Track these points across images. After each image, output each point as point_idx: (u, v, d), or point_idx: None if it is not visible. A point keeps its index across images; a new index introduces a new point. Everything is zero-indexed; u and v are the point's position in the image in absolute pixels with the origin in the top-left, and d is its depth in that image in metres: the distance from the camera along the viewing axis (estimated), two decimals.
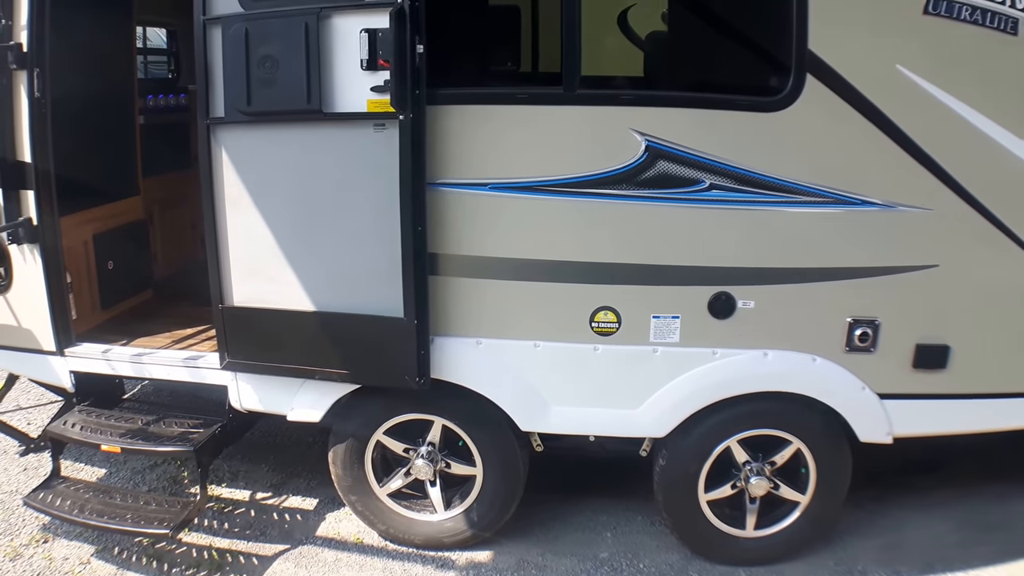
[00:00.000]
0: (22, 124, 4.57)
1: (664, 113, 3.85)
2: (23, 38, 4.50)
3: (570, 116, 3.93)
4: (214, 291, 4.26)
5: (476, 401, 4.26)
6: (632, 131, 3.83)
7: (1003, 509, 4.95)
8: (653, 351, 4.12)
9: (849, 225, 3.87)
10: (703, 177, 3.85)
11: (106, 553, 4.65)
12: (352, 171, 3.96)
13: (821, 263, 3.94)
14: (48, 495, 4.63)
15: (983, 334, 4.04)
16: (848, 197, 3.82)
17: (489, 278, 4.10)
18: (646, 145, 3.83)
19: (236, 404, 4.52)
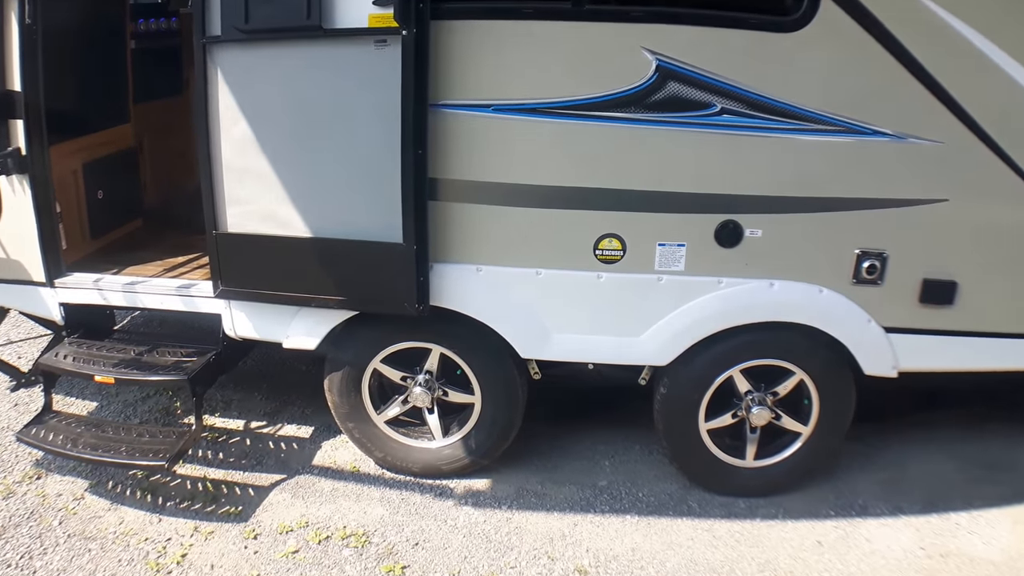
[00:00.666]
0: (11, 52, 4.37)
1: (677, 31, 3.65)
2: None
3: (578, 33, 3.72)
4: (208, 217, 4.10)
5: (475, 329, 4.13)
6: (643, 49, 3.64)
7: (1008, 450, 4.87)
8: (658, 279, 3.99)
9: (860, 155, 3.73)
10: (714, 101, 3.69)
11: (100, 488, 4.53)
12: (351, 91, 3.79)
13: (831, 193, 3.81)
14: (41, 430, 4.50)
15: (991, 272, 3.93)
16: (860, 126, 3.67)
17: (491, 203, 3.95)
18: (657, 65, 3.65)
19: (230, 332, 4.39)
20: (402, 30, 3.59)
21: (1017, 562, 3.99)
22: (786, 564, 3.99)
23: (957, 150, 3.69)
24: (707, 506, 4.41)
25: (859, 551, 4.08)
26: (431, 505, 4.38)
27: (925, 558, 4.02)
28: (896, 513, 4.33)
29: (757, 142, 3.74)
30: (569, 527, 4.23)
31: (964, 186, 3.77)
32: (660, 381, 4.29)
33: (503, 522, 4.27)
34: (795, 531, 4.22)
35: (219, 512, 4.32)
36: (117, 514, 4.33)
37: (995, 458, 4.78)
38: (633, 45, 3.66)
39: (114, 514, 4.33)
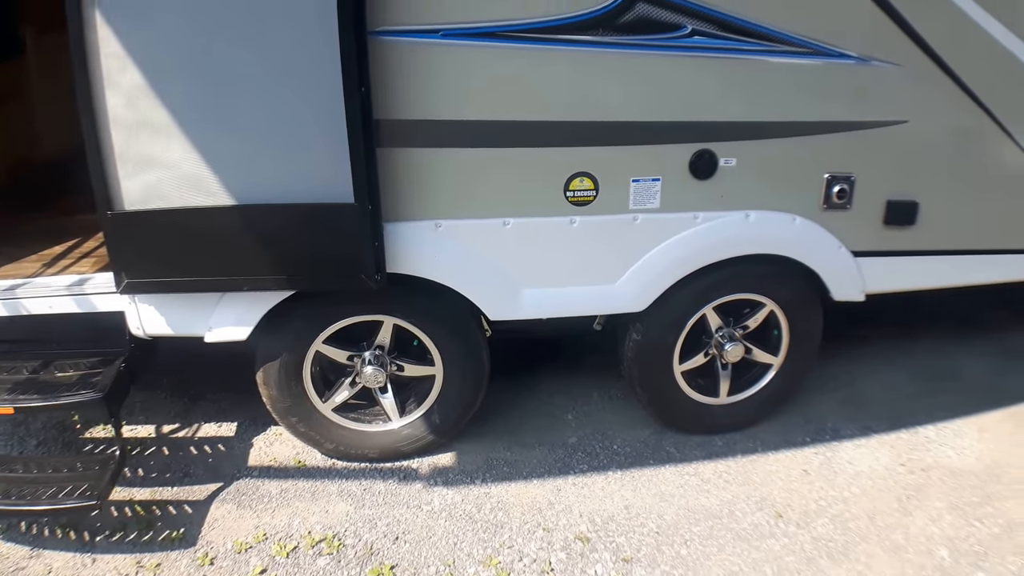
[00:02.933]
0: None
1: None
2: None
3: None
4: (99, 195, 3.15)
5: (434, 293, 3.51)
6: None
7: (945, 359, 4.88)
8: (633, 219, 3.52)
9: (828, 78, 3.46)
10: (685, 22, 3.25)
11: (12, 533, 3.57)
12: (270, 19, 2.97)
13: (801, 117, 3.52)
14: None
15: (948, 191, 3.80)
16: (827, 48, 3.41)
17: (445, 146, 3.29)
18: None
19: (137, 332, 3.51)
20: None
21: (994, 469, 3.90)
22: (782, 497, 3.73)
23: (913, 73, 3.51)
24: (685, 448, 4.04)
25: (845, 475, 3.88)
26: (398, 492, 3.74)
27: (908, 474, 3.88)
28: (867, 433, 4.19)
29: (729, 65, 3.37)
30: (553, 493, 3.74)
31: (921, 107, 3.61)
32: (632, 327, 3.83)
33: (483, 498, 3.71)
34: (779, 463, 3.96)
35: (159, 539, 3.50)
36: (42, 561, 3.42)
37: (937, 369, 4.77)
38: None
39: (38, 562, 3.41)
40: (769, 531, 3.54)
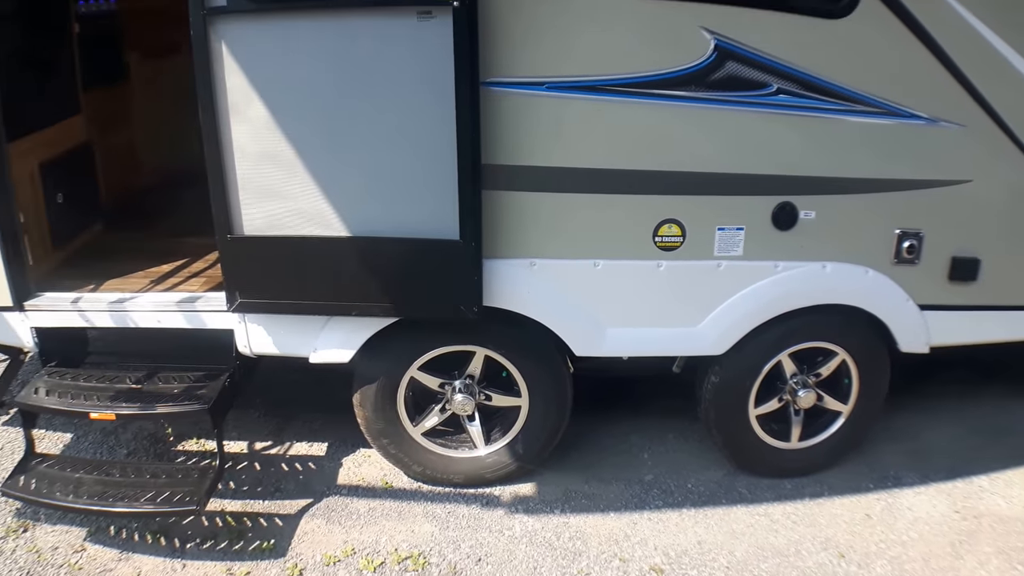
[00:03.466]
0: None
1: (734, 12, 3.32)
2: None
3: (636, 8, 3.29)
4: (219, 219, 3.37)
5: (525, 327, 3.63)
6: (701, 29, 3.28)
7: (1006, 415, 4.87)
8: (717, 265, 3.63)
9: (900, 137, 3.55)
10: (771, 80, 3.39)
11: (102, 535, 3.73)
12: (389, 69, 3.19)
13: (876, 174, 3.61)
14: (30, 480, 3.65)
15: (1009, 249, 3.86)
16: (900, 109, 3.49)
17: (544, 191, 3.45)
18: (715, 44, 3.31)
19: (244, 350, 3.68)
20: (452, 1, 3.03)
21: None
22: (845, 539, 3.79)
23: (977, 133, 3.58)
24: (756, 490, 4.10)
25: (904, 520, 3.94)
26: (481, 516, 3.85)
27: (961, 520, 3.94)
28: (926, 481, 4.22)
29: (811, 122, 3.49)
30: (629, 526, 3.82)
31: (984, 167, 3.66)
32: (711, 370, 3.91)
33: (561, 527, 3.80)
34: (843, 507, 4.01)
35: (250, 549, 3.63)
36: (131, 565, 3.57)
37: (996, 423, 4.77)
38: (691, 23, 3.30)
39: (127, 565, 3.57)
40: (832, 570, 3.62)
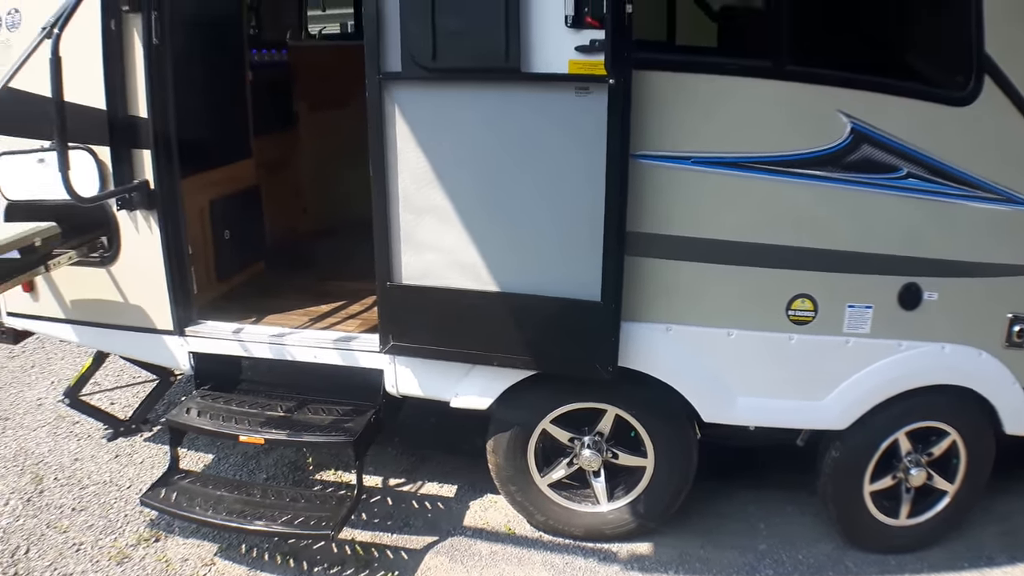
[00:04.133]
0: (135, 75, 3.68)
1: (870, 97, 3.30)
2: None
3: (778, 92, 3.30)
4: (380, 267, 3.46)
5: (656, 390, 3.60)
6: (839, 112, 3.27)
7: None
8: (845, 342, 3.55)
9: (1018, 223, 3.45)
10: (901, 164, 3.34)
11: (232, 552, 3.80)
12: (546, 138, 3.24)
13: (993, 259, 3.51)
14: (171, 492, 3.73)
15: None
16: (1018, 197, 3.41)
17: (684, 259, 3.44)
18: (851, 128, 3.28)
19: (391, 389, 3.73)
20: (609, 79, 3.08)
21: None
22: None
23: None
24: (863, 564, 3.95)
25: None
26: (598, 570, 3.80)
27: None
28: (1014, 562, 4.04)
29: (937, 207, 3.42)
30: None
31: None
32: (832, 445, 3.83)
33: None
34: None
35: None
36: None
37: None
38: (829, 107, 3.29)
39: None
40: None
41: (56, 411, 5.06)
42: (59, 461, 4.54)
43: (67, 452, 4.61)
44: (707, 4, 4.25)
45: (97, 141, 3.74)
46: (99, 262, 3.95)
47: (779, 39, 3.30)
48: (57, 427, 4.89)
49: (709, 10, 4.29)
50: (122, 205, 3.77)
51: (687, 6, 4.39)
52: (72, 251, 3.84)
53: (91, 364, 4.52)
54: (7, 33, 3.87)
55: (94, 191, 3.74)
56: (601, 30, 3.07)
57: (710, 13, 4.25)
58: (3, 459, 4.60)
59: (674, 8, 4.82)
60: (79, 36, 3.45)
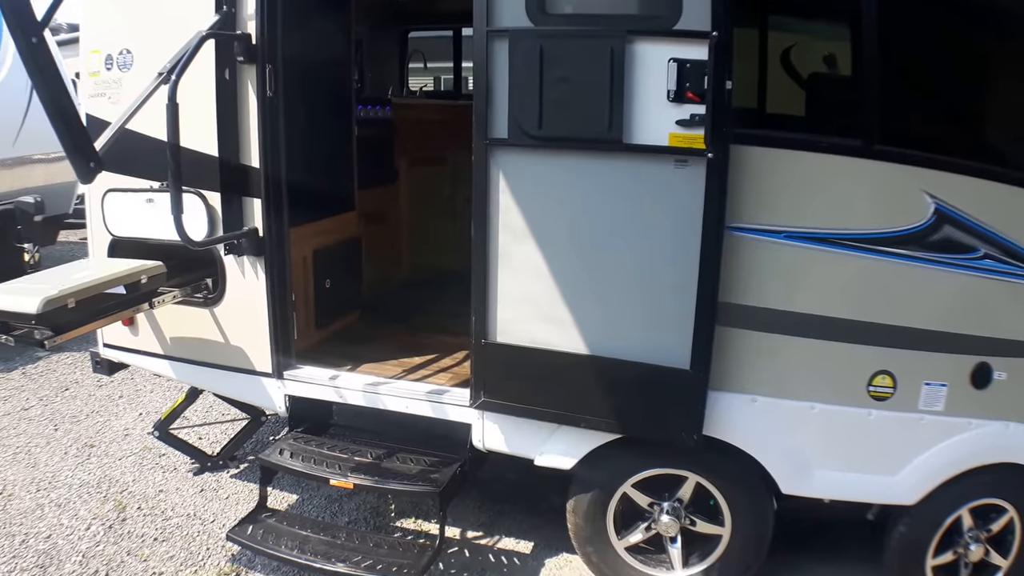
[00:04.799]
0: (248, 125, 3.71)
1: (956, 179, 3.26)
2: (251, 28, 3.64)
3: (867, 170, 3.24)
4: (476, 324, 3.43)
5: (738, 460, 3.51)
6: (924, 192, 3.22)
7: None
8: (920, 418, 3.45)
9: None
10: (979, 245, 3.29)
11: None
12: (643, 207, 3.22)
13: None
14: (257, 530, 3.68)
15: None
16: None
17: (773, 332, 3.36)
18: (935, 208, 3.23)
19: (478, 444, 3.68)
20: (707, 152, 3.06)
21: None
22: None
23: None
24: None
25: None
26: None
27: None
28: None
29: (1010, 288, 3.35)
30: None
31: None
32: (900, 520, 3.70)
33: None
34: None
35: None
36: None
37: None
38: (916, 187, 3.24)
39: None
40: None
41: (143, 442, 5.05)
42: (143, 491, 4.49)
43: (152, 483, 4.57)
44: (797, 72, 4.18)
45: (207, 186, 3.77)
46: (202, 302, 3.97)
47: (869, 119, 3.25)
48: (143, 458, 4.86)
49: (799, 78, 4.23)
50: (230, 250, 3.77)
51: (777, 73, 4.32)
52: (177, 290, 3.86)
53: (183, 400, 4.51)
54: (119, 73, 3.93)
55: (202, 235, 3.77)
56: (701, 105, 3.06)
57: (799, 81, 4.18)
58: (87, 485, 4.57)
59: (765, 73, 4.84)
60: (193, 82, 3.48)
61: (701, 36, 2.99)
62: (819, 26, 4.25)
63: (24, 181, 7.29)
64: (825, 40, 4.15)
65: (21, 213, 6.83)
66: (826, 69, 4.08)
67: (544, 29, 3.14)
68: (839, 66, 3.95)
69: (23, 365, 6.40)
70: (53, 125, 3.17)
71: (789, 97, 4.09)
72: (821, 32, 4.30)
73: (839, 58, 3.93)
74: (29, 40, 3.02)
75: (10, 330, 3.39)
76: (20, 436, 5.17)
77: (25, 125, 7.21)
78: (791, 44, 4.16)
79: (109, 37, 3.96)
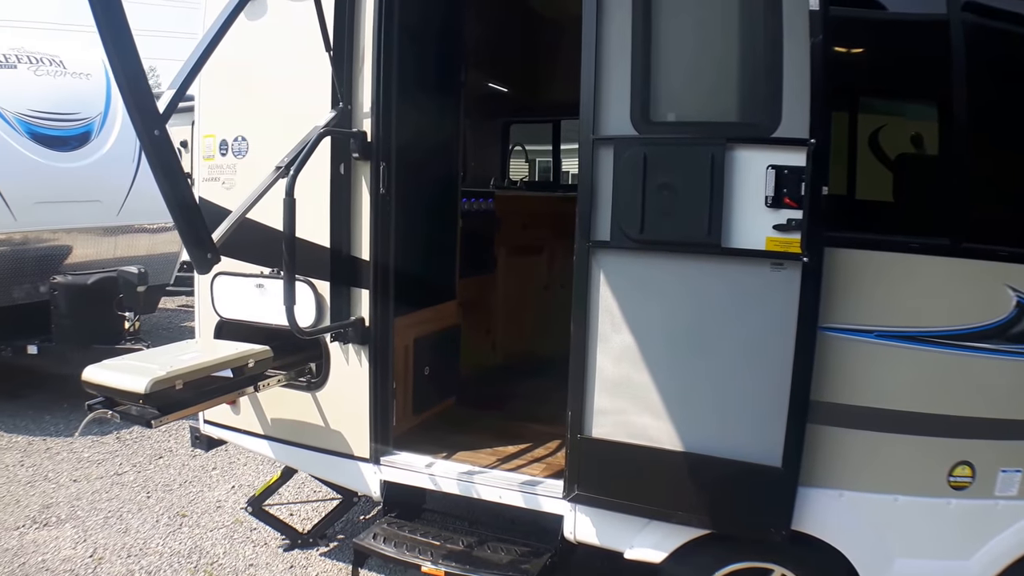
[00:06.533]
0: (360, 219, 3.46)
1: None
2: (366, 126, 3.40)
3: (953, 269, 2.97)
4: (573, 419, 3.14)
5: (822, 552, 3.15)
6: (1007, 287, 2.92)
7: None
8: (995, 504, 3.11)
9: None
10: None
11: None
12: (739, 309, 2.95)
13: None
14: None
15: None
16: None
17: (860, 428, 3.04)
18: (1016, 301, 2.93)
19: (569, 536, 3.35)
20: (803, 256, 2.81)
21: None
22: None
23: None
24: None
25: None
26: None
27: None
28: None
29: None
30: None
31: None
32: None
33: None
34: None
35: None
36: None
37: None
38: (999, 283, 2.94)
39: None
40: None
41: (234, 515, 4.72)
42: (233, 564, 4.16)
43: (242, 556, 4.23)
44: (885, 154, 3.86)
45: (317, 275, 3.54)
46: (305, 386, 3.70)
47: (958, 218, 2.98)
48: (234, 531, 4.53)
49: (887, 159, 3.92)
50: (336, 338, 3.47)
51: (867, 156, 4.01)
52: (282, 374, 3.58)
53: (279, 478, 4.22)
54: (233, 159, 3.74)
55: (310, 321, 3.52)
56: (798, 210, 2.82)
57: (887, 163, 3.88)
58: (178, 554, 4.25)
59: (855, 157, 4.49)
60: (307, 175, 3.24)
61: (799, 144, 2.79)
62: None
63: (128, 250, 7.09)
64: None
65: (124, 282, 6.55)
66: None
67: (648, 137, 2.95)
68: None
69: (117, 430, 6.11)
70: (173, 217, 2.98)
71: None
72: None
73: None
74: (152, 133, 2.83)
75: (116, 406, 3.11)
76: (112, 501, 4.87)
77: (131, 194, 6.97)
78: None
79: (225, 123, 3.78)
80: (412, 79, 3.69)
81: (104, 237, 6.91)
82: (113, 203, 6.88)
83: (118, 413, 3.10)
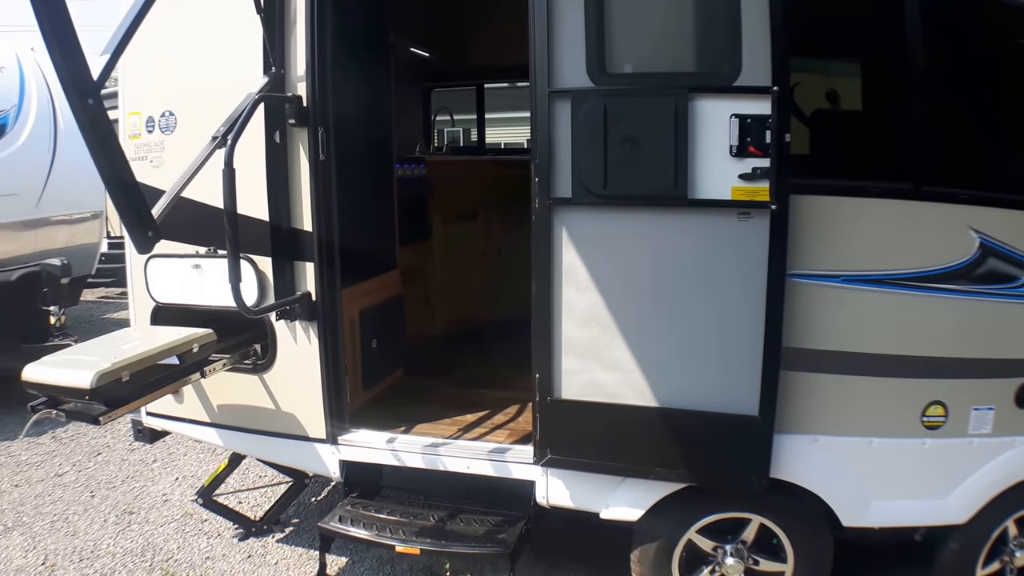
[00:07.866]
0: (300, 189, 3.14)
1: (998, 213, 2.89)
2: (301, 90, 3.09)
3: (916, 211, 2.87)
4: (541, 381, 2.87)
5: (800, 498, 3.02)
6: (969, 229, 2.85)
7: None
8: (970, 442, 3.04)
9: None
10: (1019, 274, 2.92)
11: None
12: (707, 259, 2.76)
13: None
14: None
15: None
16: None
17: (832, 373, 2.91)
18: (980, 243, 2.86)
19: (542, 501, 3.09)
20: (771, 204, 2.64)
21: None
22: None
23: None
24: None
25: None
26: None
27: None
28: None
29: None
30: None
31: None
32: (950, 537, 3.24)
33: None
34: None
35: None
36: None
37: None
38: (962, 225, 2.86)
39: None
40: None
41: (183, 508, 4.31)
42: (189, 559, 3.79)
43: (197, 550, 3.87)
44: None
45: (257, 251, 3.18)
46: (251, 369, 3.33)
47: (920, 160, 2.87)
48: (185, 524, 4.13)
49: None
50: (282, 315, 3.14)
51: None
52: (228, 358, 3.22)
53: (226, 466, 3.85)
54: (161, 135, 3.35)
55: (253, 300, 3.16)
56: (763, 158, 2.64)
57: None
58: (131, 553, 3.85)
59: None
60: (240, 146, 2.87)
61: (762, 92, 2.60)
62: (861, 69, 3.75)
63: (48, 243, 6.48)
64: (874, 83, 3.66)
65: (48, 276, 6.02)
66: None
67: (606, 88, 2.69)
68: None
69: (52, 429, 5.56)
70: (111, 193, 2.61)
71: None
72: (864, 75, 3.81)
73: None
74: (85, 102, 2.44)
75: (59, 405, 2.75)
76: (57, 503, 4.41)
77: (48, 185, 6.42)
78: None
79: (150, 99, 3.38)
80: (344, 41, 3.35)
81: (23, 231, 6.31)
82: (31, 196, 6.32)
83: (63, 412, 2.74)
